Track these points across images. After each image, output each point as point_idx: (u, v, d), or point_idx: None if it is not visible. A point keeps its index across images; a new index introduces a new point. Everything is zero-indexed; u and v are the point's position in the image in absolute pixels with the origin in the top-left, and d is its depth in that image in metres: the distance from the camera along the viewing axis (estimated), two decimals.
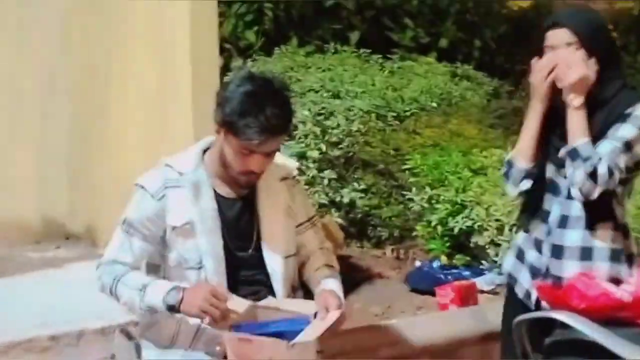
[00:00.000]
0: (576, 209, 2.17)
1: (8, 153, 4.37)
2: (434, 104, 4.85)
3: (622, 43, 7.36)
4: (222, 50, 5.42)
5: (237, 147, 2.08)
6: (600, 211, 2.14)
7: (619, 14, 7.54)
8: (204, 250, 2.15)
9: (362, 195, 4.32)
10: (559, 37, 2.17)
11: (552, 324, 2.12)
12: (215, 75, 3.41)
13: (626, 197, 2.22)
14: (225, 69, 5.20)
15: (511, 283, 2.34)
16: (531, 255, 2.26)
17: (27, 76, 4.36)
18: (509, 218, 3.66)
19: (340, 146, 4.42)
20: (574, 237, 2.17)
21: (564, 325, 2.05)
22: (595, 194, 2.08)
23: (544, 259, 2.22)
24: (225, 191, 2.21)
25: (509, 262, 2.36)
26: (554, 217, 2.21)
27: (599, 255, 2.14)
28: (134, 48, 3.71)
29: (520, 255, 2.32)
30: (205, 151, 2.23)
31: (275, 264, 2.21)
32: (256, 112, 2.04)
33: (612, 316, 1.99)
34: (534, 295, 2.24)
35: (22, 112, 4.39)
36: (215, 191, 2.19)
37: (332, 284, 2.24)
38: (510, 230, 3.65)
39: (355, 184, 4.34)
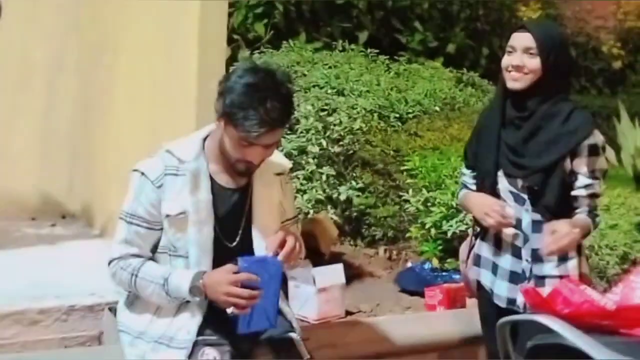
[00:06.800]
0: (544, 214, 2.36)
1: (10, 127, 4.39)
2: (437, 108, 4.87)
3: (630, 61, 7.40)
4: (231, 41, 5.45)
5: (236, 138, 2.10)
6: (565, 215, 2.34)
7: (628, 33, 7.57)
8: (192, 241, 2.16)
9: (359, 193, 4.33)
10: (520, 40, 2.34)
11: (536, 327, 2.14)
12: (222, 62, 3.42)
13: None
14: (232, 60, 5.22)
15: (487, 296, 2.50)
16: (507, 262, 2.42)
17: (36, 51, 4.38)
18: None
19: (341, 143, 4.44)
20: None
21: (547, 330, 2.06)
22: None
23: (524, 264, 2.39)
24: (224, 180, 2.22)
25: (486, 277, 2.49)
26: (526, 224, 2.38)
27: (570, 252, 2.35)
28: (143, 29, 3.72)
29: (494, 268, 2.47)
30: (205, 139, 2.24)
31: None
32: (256, 104, 2.04)
33: (595, 324, 2.01)
34: (520, 299, 2.36)
35: (28, 86, 4.41)
36: (212, 181, 2.20)
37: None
38: None
39: (353, 182, 4.35)
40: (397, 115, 4.70)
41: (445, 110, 4.89)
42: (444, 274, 3.75)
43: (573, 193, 2.36)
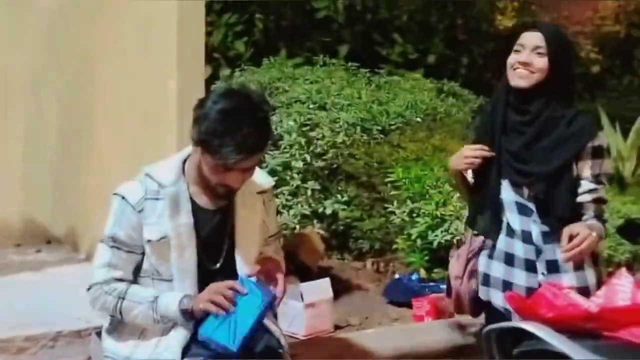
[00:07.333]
0: (554, 224, 2.25)
1: None
2: (419, 119, 4.90)
3: (608, 66, 7.47)
4: (212, 60, 5.47)
5: (213, 164, 2.08)
6: (576, 221, 2.24)
7: (605, 37, 7.65)
8: (175, 265, 2.16)
9: (345, 207, 4.34)
10: (530, 39, 2.30)
11: (523, 334, 2.14)
12: (201, 83, 3.43)
13: None
14: (213, 79, 5.24)
15: (497, 315, 2.37)
16: (521, 279, 2.31)
17: (15, 77, 4.37)
18: None
19: (325, 157, 4.45)
20: None
21: (533, 336, 2.07)
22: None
23: (540, 277, 2.29)
24: (204, 201, 2.21)
25: (498, 296, 2.37)
26: (536, 236, 2.28)
27: (587, 263, 2.27)
28: (121, 53, 3.73)
29: (507, 286, 2.35)
30: (185, 160, 2.23)
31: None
32: (232, 131, 2.01)
33: (579, 327, 2.01)
34: None
35: (8, 112, 4.40)
36: (193, 202, 2.19)
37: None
38: None
39: (338, 196, 4.36)
40: (380, 128, 4.72)
41: (427, 121, 4.93)
42: (431, 284, 3.76)
43: (578, 199, 2.26)
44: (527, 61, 2.27)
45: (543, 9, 7.36)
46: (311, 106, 4.75)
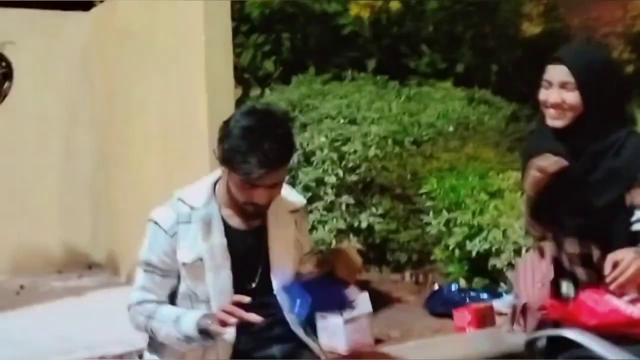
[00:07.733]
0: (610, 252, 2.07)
1: (32, 183, 4.46)
2: (451, 129, 4.86)
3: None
4: (241, 80, 5.52)
5: (239, 182, 2.10)
6: None
7: (638, 37, 7.52)
8: (211, 286, 2.17)
9: (380, 220, 4.34)
10: (556, 75, 2.13)
11: (566, 342, 2.11)
12: (230, 104, 3.48)
13: None
14: (244, 98, 5.29)
15: None
16: None
17: (51, 106, 4.47)
18: (526, 240, 3.65)
19: (358, 171, 4.45)
20: None
21: (577, 344, 2.04)
22: None
23: None
24: (236, 222, 2.22)
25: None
26: (597, 259, 2.14)
27: None
28: (152, 78, 3.79)
29: None
30: (216, 182, 2.24)
31: None
32: (254, 147, 2.04)
33: (624, 333, 1.98)
34: None
35: (45, 141, 4.50)
36: (226, 224, 2.20)
37: None
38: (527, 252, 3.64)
39: (373, 209, 4.36)
40: (412, 139, 4.70)
41: (460, 130, 4.88)
42: (472, 294, 3.73)
43: (632, 229, 2.09)
44: (558, 102, 2.10)
45: (571, 11, 7.26)
46: (342, 121, 4.76)
